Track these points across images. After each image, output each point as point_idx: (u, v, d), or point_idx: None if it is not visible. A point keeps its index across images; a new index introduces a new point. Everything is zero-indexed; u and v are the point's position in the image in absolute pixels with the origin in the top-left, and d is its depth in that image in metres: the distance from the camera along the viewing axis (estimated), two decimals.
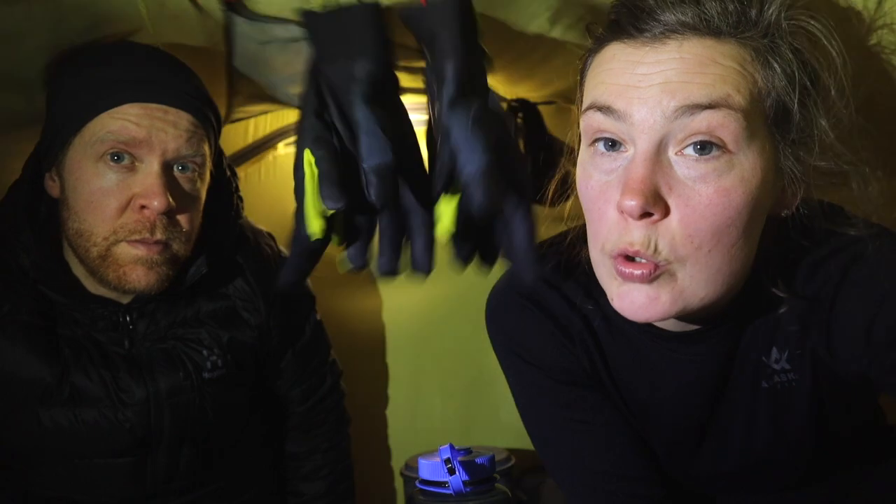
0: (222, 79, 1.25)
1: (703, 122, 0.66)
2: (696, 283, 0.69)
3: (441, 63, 0.72)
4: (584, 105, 0.74)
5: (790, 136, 0.70)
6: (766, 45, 0.68)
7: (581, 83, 0.78)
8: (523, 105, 1.61)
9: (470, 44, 0.73)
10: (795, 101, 0.68)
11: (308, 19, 0.77)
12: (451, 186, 0.74)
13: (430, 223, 0.78)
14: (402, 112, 0.78)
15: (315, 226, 0.73)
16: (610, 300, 0.73)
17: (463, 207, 0.75)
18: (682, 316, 0.73)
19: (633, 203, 0.66)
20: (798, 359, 0.79)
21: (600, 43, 0.74)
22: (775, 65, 0.68)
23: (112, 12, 0.97)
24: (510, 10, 0.96)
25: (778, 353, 0.80)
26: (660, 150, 0.68)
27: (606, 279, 0.74)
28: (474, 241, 0.79)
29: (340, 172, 0.73)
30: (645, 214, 0.67)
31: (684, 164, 0.68)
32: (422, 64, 0.80)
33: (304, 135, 0.76)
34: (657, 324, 0.80)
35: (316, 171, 0.74)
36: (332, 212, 0.73)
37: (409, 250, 0.80)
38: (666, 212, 0.68)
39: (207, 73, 1.15)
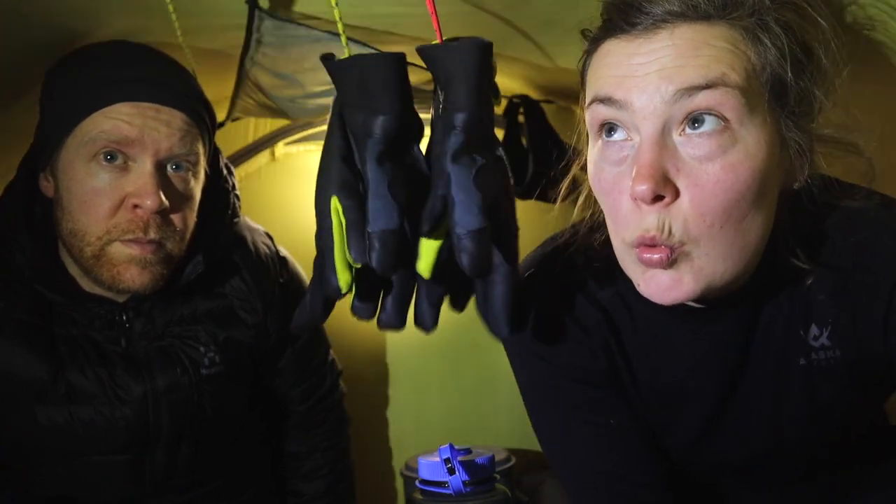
0: (231, 79, 1.25)
1: (703, 101, 0.68)
2: (713, 260, 0.71)
3: (452, 110, 0.71)
4: (587, 101, 0.76)
5: (790, 107, 0.72)
6: (754, 23, 0.70)
7: (582, 84, 0.80)
8: (525, 101, 1.61)
9: (483, 93, 0.73)
10: (790, 73, 0.71)
11: (330, 65, 0.76)
12: (436, 230, 0.74)
13: (436, 291, 0.78)
14: (420, 164, 0.77)
15: (343, 278, 0.72)
16: (637, 287, 0.75)
17: (441, 253, 0.74)
18: (707, 294, 0.75)
19: (643, 188, 0.68)
20: (841, 335, 0.80)
21: (596, 43, 0.76)
22: (766, 40, 0.70)
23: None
24: None
25: (818, 329, 0.80)
26: (664, 133, 0.70)
27: (631, 268, 0.76)
28: (447, 285, 0.79)
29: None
30: (657, 198, 0.69)
31: (689, 145, 0.69)
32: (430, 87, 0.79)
33: (330, 180, 0.75)
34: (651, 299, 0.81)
35: (344, 220, 0.73)
36: (359, 264, 0.72)
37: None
38: (676, 194, 0.69)
39: (216, 72, 1.15)
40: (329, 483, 1.35)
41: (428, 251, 0.74)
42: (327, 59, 0.77)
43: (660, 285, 0.72)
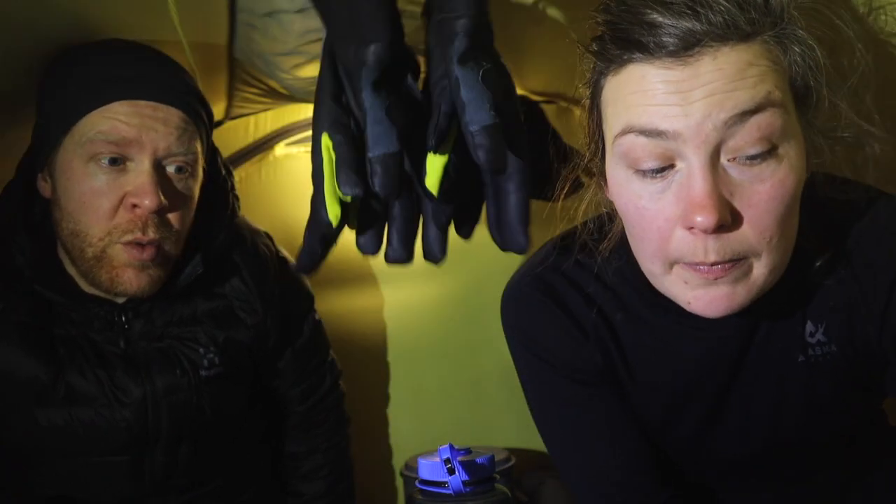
0: (223, 76, 1.24)
1: (753, 126, 0.67)
2: (769, 271, 0.72)
3: (453, 19, 0.71)
4: (619, 128, 0.72)
5: (811, 110, 0.72)
6: (784, 33, 0.69)
7: (595, 105, 0.77)
8: (524, 102, 1.61)
9: (482, 3, 0.72)
10: (815, 77, 0.70)
11: (318, 1, 0.76)
12: (442, 145, 0.73)
13: (444, 211, 0.77)
14: (415, 95, 0.76)
15: (333, 211, 0.73)
16: (685, 305, 0.75)
17: (448, 168, 0.74)
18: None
19: (708, 219, 0.67)
20: (838, 331, 0.80)
21: (614, 63, 0.72)
22: (795, 48, 0.69)
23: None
24: None
25: (813, 326, 0.81)
26: (714, 160, 0.68)
27: (675, 286, 0.75)
28: (455, 204, 0.78)
29: (358, 157, 0.73)
30: (719, 227, 0.68)
31: (737, 169, 0.69)
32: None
33: (321, 118, 0.75)
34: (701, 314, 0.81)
35: (334, 155, 0.73)
36: (349, 198, 0.73)
37: (421, 237, 0.80)
38: (736, 218, 0.69)
39: (207, 70, 1.15)
40: (329, 483, 1.35)
41: (435, 167, 0.73)
42: None
43: (713, 300, 0.72)
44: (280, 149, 1.72)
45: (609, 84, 0.74)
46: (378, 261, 0.90)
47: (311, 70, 1.32)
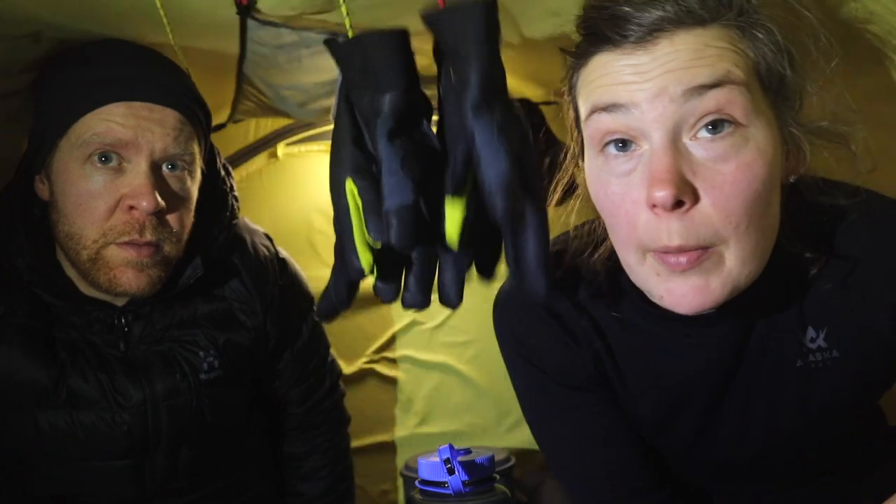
0: (231, 82, 1.25)
1: (712, 100, 0.68)
2: (742, 262, 0.71)
3: (465, 67, 0.71)
4: (586, 112, 0.74)
5: (788, 101, 0.72)
6: (745, 21, 0.70)
7: (571, 99, 0.79)
8: (525, 105, 1.61)
9: (493, 49, 0.72)
10: (786, 66, 0.71)
11: (333, 48, 0.76)
12: (459, 192, 0.73)
13: (461, 258, 0.77)
14: (430, 140, 0.76)
15: (365, 259, 0.72)
16: (658, 300, 0.74)
17: (467, 215, 0.74)
18: (731, 298, 0.74)
19: (664, 193, 0.67)
20: (840, 335, 0.80)
21: (584, 57, 0.75)
22: (760, 35, 0.70)
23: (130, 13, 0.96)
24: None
25: (814, 331, 0.80)
26: (675, 138, 0.69)
27: (650, 279, 0.74)
28: (474, 249, 0.78)
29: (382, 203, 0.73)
30: (677, 204, 0.68)
31: (701, 147, 0.69)
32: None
33: (343, 162, 0.75)
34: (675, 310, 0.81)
35: (360, 201, 0.73)
36: (379, 244, 0.72)
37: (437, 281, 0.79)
38: (696, 198, 0.69)
39: (215, 75, 1.15)
40: (329, 483, 1.35)
41: (454, 214, 0.73)
42: (330, 43, 0.77)
43: (685, 295, 0.71)
44: (281, 148, 1.72)
45: (580, 77, 0.76)
46: None
47: (315, 105, 1.33)
